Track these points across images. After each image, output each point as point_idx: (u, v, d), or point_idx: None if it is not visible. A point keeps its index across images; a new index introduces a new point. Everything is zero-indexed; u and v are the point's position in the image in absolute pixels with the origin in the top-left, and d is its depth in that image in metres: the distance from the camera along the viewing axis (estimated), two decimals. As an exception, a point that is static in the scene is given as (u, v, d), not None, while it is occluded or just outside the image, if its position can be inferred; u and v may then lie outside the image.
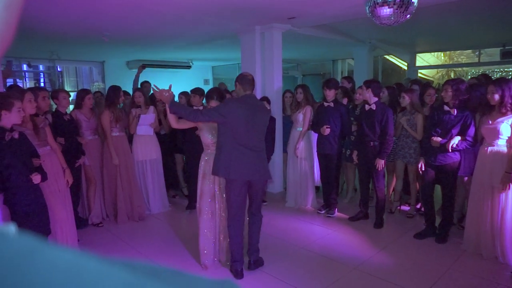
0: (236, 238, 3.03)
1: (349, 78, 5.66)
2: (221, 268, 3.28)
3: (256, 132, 2.92)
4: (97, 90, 7.47)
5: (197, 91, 4.77)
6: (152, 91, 6.25)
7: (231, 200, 2.98)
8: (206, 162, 3.20)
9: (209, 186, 3.20)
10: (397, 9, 2.48)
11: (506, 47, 7.48)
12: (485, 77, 4.64)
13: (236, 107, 2.85)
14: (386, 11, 2.53)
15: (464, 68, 10.71)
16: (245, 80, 2.98)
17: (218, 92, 3.46)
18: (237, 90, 3.04)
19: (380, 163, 3.92)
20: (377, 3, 2.54)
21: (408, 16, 2.57)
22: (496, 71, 10.34)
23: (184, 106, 3.05)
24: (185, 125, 3.17)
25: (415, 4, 2.58)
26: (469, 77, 9.60)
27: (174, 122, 3.10)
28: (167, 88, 2.92)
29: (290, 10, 4.39)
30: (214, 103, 3.25)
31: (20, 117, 2.61)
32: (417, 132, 4.11)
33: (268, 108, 3.05)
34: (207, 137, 3.18)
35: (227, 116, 2.82)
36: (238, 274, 3.04)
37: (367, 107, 3.99)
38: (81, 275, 0.23)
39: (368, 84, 3.98)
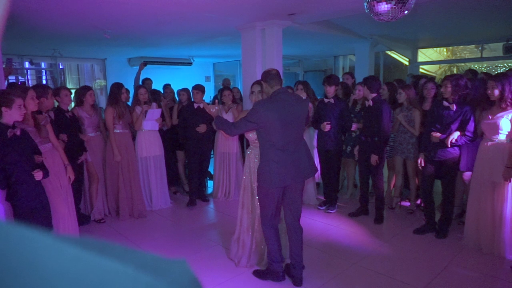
0: (272, 240, 2.91)
1: (351, 74, 5.69)
2: (248, 268, 3.16)
3: (294, 129, 2.72)
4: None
5: (198, 87, 4.81)
6: (153, 87, 6.31)
7: (267, 205, 2.83)
8: (248, 157, 3.23)
9: (248, 181, 3.19)
10: (394, 5, 2.48)
11: (509, 42, 7.44)
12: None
13: (265, 110, 2.63)
14: (384, 7, 2.53)
15: (467, 63, 10.65)
16: (270, 76, 2.75)
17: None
18: (264, 89, 2.87)
19: (374, 158, 3.94)
20: (375, -1, 2.54)
21: (406, 12, 2.57)
22: (499, 66, 10.28)
23: (224, 121, 2.91)
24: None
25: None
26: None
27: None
28: (169, 82, 2.92)
29: (290, 6, 4.38)
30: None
31: (21, 114, 2.63)
32: (414, 128, 4.13)
33: (304, 96, 2.79)
34: (249, 135, 3.14)
35: (258, 122, 2.65)
36: (280, 277, 2.95)
37: (366, 103, 4.02)
38: (35, 249, 0.25)
39: (364, 81, 4.03)
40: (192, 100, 4.96)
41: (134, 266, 0.26)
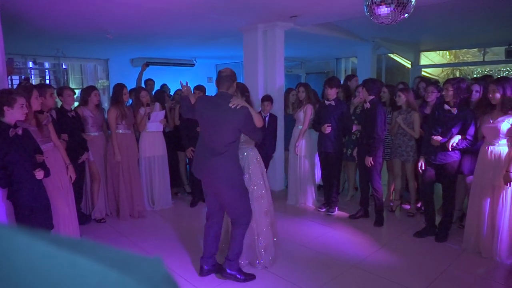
0: (207, 236, 3.00)
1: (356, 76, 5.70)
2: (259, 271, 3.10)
3: (218, 135, 2.70)
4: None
5: (200, 88, 4.83)
6: (155, 89, 6.32)
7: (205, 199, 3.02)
8: (245, 158, 3.13)
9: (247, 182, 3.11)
10: (394, 8, 2.48)
11: (511, 46, 7.43)
12: (488, 78, 4.67)
13: (201, 105, 2.80)
14: (384, 10, 2.53)
15: (470, 67, 10.62)
16: (218, 77, 2.79)
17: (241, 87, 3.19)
18: None
19: (368, 160, 3.94)
20: (375, 2, 2.54)
21: (406, 15, 2.57)
22: (502, 70, 10.25)
23: (186, 102, 3.01)
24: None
25: (413, 3, 2.58)
26: (475, 76, 9.54)
27: None
28: (172, 83, 2.94)
29: (291, 8, 4.40)
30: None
31: (23, 113, 2.64)
32: (414, 130, 4.13)
33: (245, 110, 2.65)
34: None
35: (195, 112, 2.84)
36: (202, 271, 3.02)
37: (364, 105, 4.02)
38: (3, 246, 0.25)
39: (364, 83, 4.03)
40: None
41: (104, 263, 0.27)
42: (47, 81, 9.01)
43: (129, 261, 0.29)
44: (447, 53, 10.45)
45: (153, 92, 5.80)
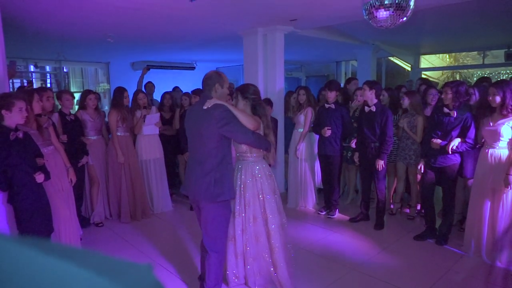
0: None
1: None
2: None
3: (199, 142, 2.47)
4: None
5: (198, 92, 4.84)
6: (155, 91, 6.32)
7: None
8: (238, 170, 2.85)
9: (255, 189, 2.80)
10: (393, 12, 2.49)
11: (511, 49, 7.45)
12: (485, 80, 4.69)
13: (187, 115, 2.63)
14: (383, 13, 2.54)
15: (470, 70, 10.64)
16: (202, 82, 2.59)
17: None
18: None
19: (380, 164, 3.93)
20: (374, 6, 2.56)
21: (405, 18, 2.59)
22: (502, 72, 10.27)
23: None
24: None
25: (412, 6, 2.60)
26: (475, 79, 9.55)
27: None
28: (171, 88, 2.85)
29: (291, 12, 4.42)
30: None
31: (22, 116, 2.65)
32: (416, 134, 4.12)
33: (220, 108, 2.39)
34: (236, 146, 2.84)
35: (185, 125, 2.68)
36: (201, 277, 2.87)
37: (366, 108, 4.00)
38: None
39: (371, 84, 3.97)
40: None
41: (93, 270, 0.27)
42: (48, 85, 9.04)
43: (118, 268, 0.29)
44: (447, 56, 10.48)
45: (160, 97, 5.82)
